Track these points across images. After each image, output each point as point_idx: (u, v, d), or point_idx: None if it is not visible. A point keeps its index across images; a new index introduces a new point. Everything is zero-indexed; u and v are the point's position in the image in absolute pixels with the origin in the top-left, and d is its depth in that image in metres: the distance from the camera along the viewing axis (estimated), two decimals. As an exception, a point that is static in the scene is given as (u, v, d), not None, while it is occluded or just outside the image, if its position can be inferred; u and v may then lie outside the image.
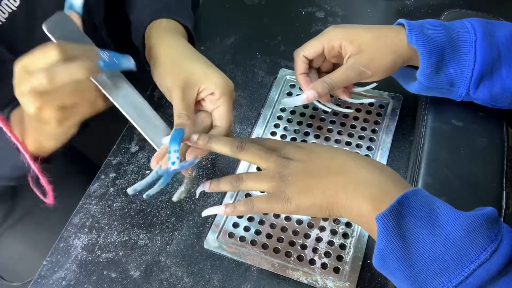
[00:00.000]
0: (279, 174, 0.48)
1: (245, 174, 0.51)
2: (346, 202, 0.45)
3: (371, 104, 0.69)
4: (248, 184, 0.50)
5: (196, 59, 0.55)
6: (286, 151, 0.50)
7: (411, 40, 0.55)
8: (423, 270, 0.40)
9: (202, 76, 0.53)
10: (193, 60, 0.55)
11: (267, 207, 0.48)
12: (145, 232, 0.59)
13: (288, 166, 0.48)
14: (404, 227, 0.41)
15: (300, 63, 0.62)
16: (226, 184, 0.51)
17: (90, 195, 0.63)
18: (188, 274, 0.56)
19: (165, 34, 0.58)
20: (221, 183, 0.51)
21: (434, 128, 0.61)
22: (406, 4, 0.82)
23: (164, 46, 0.56)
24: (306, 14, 0.83)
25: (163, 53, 0.56)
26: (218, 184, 0.51)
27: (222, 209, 0.51)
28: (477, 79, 0.55)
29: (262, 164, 0.50)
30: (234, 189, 0.51)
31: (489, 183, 0.55)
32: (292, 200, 0.47)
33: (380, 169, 0.47)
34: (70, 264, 0.57)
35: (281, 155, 0.50)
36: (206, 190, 0.52)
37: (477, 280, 0.38)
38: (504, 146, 0.58)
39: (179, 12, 0.61)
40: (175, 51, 0.56)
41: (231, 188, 0.51)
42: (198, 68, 0.54)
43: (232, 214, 0.52)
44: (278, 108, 0.69)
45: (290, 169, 0.48)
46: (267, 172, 0.49)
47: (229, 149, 0.50)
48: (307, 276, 0.54)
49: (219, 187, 0.51)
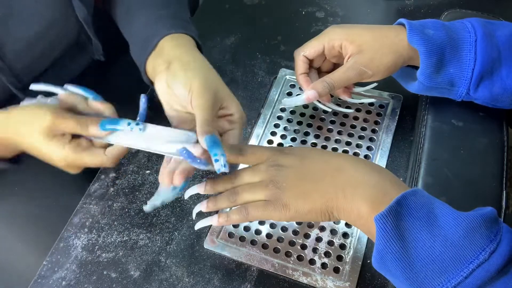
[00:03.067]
0: (273, 182, 0.47)
1: (240, 187, 0.50)
2: (345, 205, 0.45)
3: (371, 104, 0.69)
4: (244, 197, 0.49)
5: (221, 80, 0.54)
6: (275, 159, 0.49)
7: (411, 39, 0.55)
8: (422, 270, 0.40)
9: (227, 96, 0.53)
10: (220, 79, 0.54)
11: (264, 214, 0.48)
12: (145, 232, 0.59)
13: (279, 173, 0.48)
14: (403, 228, 0.41)
15: (301, 63, 0.62)
16: (223, 201, 0.50)
17: (90, 195, 0.63)
18: (188, 274, 0.56)
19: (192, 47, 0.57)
20: (218, 201, 0.51)
21: (434, 128, 0.61)
22: (406, 4, 0.82)
23: (195, 57, 0.55)
24: (306, 14, 0.83)
25: (196, 60, 0.54)
26: (216, 203, 0.51)
27: (215, 220, 0.51)
28: (477, 79, 0.55)
29: (255, 179, 0.49)
30: (232, 205, 0.50)
31: (489, 183, 0.55)
32: (290, 207, 0.46)
33: (376, 170, 0.47)
34: (70, 264, 0.57)
35: (270, 164, 0.49)
36: (204, 210, 0.52)
37: (476, 280, 0.38)
38: (504, 146, 0.58)
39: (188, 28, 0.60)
40: (207, 64, 0.55)
41: (228, 204, 0.50)
42: (225, 89, 0.53)
43: (226, 224, 0.51)
44: (278, 108, 0.69)
45: (282, 176, 0.48)
46: (261, 182, 0.48)
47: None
48: (307, 276, 0.54)
49: (216, 205, 0.51)
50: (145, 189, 0.63)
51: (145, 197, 0.62)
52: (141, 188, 0.63)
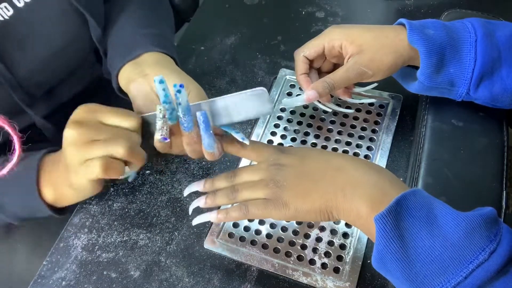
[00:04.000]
0: (273, 180, 0.48)
1: (240, 184, 0.50)
2: (345, 205, 0.45)
3: (371, 104, 0.69)
4: (244, 194, 0.49)
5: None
6: (275, 158, 0.50)
7: (411, 39, 0.55)
8: (421, 270, 0.40)
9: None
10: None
11: (264, 213, 0.48)
12: (145, 232, 0.59)
13: (280, 173, 0.48)
14: (403, 228, 0.41)
15: (301, 63, 0.62)
16: (222, 197, 0.50)
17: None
18: (188, 274, 0.56)
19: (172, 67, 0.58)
20: (217, 197, 0.51)
21: (434, 128, 0.60)
22: (406, 4, 0.82)
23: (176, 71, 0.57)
24: (306, 14, 0.83)
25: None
26: (214, 199, 0.51)
27: (214, 216, 0.51)
28: (478, 79, 0.55)
29: (255, 178, 0.50)
30: (231, 202, 0.50)
31: (489, 183, 0.55)
32: (290, 205, 0.46)
33: (376, 170, 0.47)
34: (70, 264, 0.57)
35: (270, 163, 0.49)
36: (201, 206, 0.52)
37: (476, 280, 0.38)
38: (504, 146, 0.58)
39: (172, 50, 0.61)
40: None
41: (227, 201, 0.50)
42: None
43: (225, 221, 0.51)
44: (278, 108, 0.69)
45: (282, 175, 0.48)
46: (261, 180, 0.49)
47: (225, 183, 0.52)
48: (307, 276, 0.54)
49: (215, 202, 0.51)
50: (145, 189, 0.63)
51: (145, 197, 0.62)
52: (141, 188, 0.63)
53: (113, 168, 0.47)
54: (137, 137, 0.49)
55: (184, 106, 0.46)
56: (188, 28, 0.84)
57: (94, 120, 0.48)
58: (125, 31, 0.63)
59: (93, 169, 0.47)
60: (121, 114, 0.49)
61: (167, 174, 0.64)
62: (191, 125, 0.47)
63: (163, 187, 0.63)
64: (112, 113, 0.49)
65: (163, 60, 0.57)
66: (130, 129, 0.49)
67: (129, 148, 0.47)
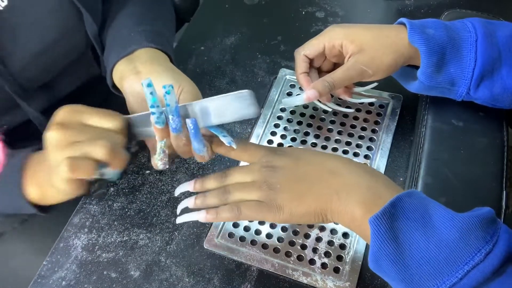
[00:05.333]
0: (266, 183, 0.47)
1: (232, 186, 0.49)
2: (339, 207, 0.45)
3: (371, 104, 0.69)
4: (236, 196, 0.48)
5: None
6: (268, 159, 0.49)
7: (412, 39, 0.55)
8: (417, 272, 0.40)
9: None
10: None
11: (257, 215, 0.47)
12: (145, 232, 0.59)
13: (273, 175, 0.47)
14: (397, 229, 0.41)
15: (301, 63, 0.62)
16: (213, 198, 0.49)
17: (90, 195, 0.63)
18: (188, 274, 0.56)
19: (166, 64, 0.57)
20: (207, 198, 0.50)
21: (434, 128, 0.60)
22: (406, 4, 0.82)
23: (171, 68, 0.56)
24: (306, 14, 0.83)
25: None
26: (204, 200, 0.50)
27: (203, 216, 0.49)
28: (478, 79, 0.55)
29: (247, 179, 0.49)
30: (222, 203, 0.49)
31: (489, 183, 0.55)
32: (284, 208, 0.46)
33: (370, 173, 0.47)
34: (70, 264, 0.57)
35: (263, 164, 0.49)
36: (190, 206, 0.51)
37: (471, 281, 0.38)
38: (504, 146, 0.58)
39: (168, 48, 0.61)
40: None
41: (218, 202, 0.49)
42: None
43: (214, 221, 0.50)
44: (278, 108, 0.69)
45: (276, 177, 0.47)
46: (254, 182, 0.48)
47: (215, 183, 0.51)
48: (307, 276, 0.54)
49: (205, 202, 0.50)
50: (145, 189, 0.63)
51: (145, 197, 0.62)
52: (141, 188, 0.63)
53: (81, 169, 0.45)
54: (120, 138, 0.48)
55: (172, 108, 0.46)
56: (188, 28, 0.84)
57: (77, 122, 0.47)
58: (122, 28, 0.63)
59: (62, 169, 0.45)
60: (104, 115, 0.48)
61: (167, 174, 0.64)
62: (180, 127, 0.47)
63: (163, 187, 0.63)
64: (95, 114, 0.48)
65: (157, 57, 0.57)
66: (113, 130, 0.48)
67: (109, 149, 0.46)
